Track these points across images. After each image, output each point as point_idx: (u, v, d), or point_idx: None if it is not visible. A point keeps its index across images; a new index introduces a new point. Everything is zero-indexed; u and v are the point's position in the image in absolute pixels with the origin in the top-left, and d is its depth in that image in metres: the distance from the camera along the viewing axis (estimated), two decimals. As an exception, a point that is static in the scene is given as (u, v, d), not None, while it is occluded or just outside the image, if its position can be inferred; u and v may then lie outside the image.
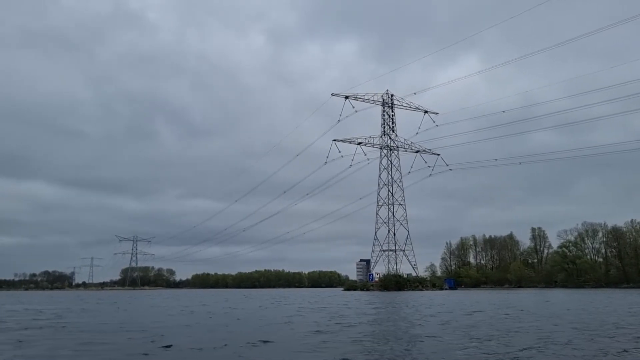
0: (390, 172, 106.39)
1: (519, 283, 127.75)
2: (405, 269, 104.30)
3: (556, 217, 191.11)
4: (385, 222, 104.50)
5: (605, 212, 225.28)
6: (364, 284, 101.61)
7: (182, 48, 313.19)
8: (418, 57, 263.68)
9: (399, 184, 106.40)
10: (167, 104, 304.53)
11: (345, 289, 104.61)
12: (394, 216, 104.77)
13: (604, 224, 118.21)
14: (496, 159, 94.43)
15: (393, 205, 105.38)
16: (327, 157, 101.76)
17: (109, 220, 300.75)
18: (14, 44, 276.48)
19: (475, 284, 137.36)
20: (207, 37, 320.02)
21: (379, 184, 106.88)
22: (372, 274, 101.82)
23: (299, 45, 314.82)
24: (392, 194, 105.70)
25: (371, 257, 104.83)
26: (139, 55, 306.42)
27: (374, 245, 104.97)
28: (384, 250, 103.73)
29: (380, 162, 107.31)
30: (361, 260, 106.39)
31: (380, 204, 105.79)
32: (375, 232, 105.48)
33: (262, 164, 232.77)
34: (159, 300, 51.44)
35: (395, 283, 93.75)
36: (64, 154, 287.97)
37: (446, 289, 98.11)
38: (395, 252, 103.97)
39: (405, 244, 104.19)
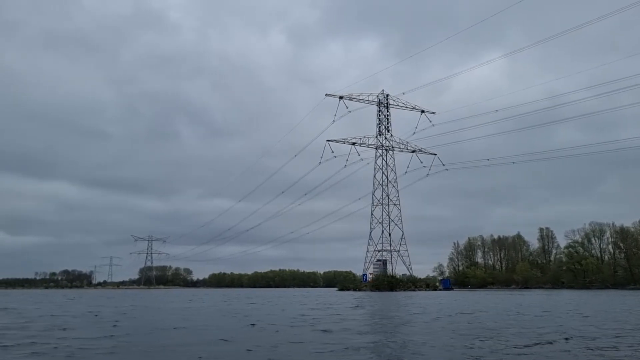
0: (385, 172, 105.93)
1: (526, 284, 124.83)
2: (401, 270, 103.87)
3: (577, 217, 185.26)
4: (379, 222, 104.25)
5: (627, 211, 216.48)
6: (357, 285, 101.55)
7: (203, 48, 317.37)
8: (440, 54, 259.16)
9: (394, 184, 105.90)
10: (188, 105, 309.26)
11: (339, 289, 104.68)
12: (389, 216, 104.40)
13: (612, 224, 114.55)
14: (488, 159, 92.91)
15: (388, 205, 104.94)
16: (321, 157, 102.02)
17: (131, 220, 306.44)
18: (37, 45, 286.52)
19: (482, 284, 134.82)
20: (228, 37, 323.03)
21: (374, 184, 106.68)
22: (366, 275, 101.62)
23: (320, 44, 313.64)
24: (387, 194, 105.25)
25: (365, 257, 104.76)
26: (161, 55, 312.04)
27: (368, 245, 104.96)
28: (378, 251, 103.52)
29: (376, 162, 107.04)
30: (378, 260, 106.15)
31: (375, 204, 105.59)
32: (370, 232, 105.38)
33: (281, 164, 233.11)
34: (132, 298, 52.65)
35: (387, 283, 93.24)
36: (87, 154, 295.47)
37: (440, 290, 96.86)
38: (391, 252, 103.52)
39: (400, 244, 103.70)
